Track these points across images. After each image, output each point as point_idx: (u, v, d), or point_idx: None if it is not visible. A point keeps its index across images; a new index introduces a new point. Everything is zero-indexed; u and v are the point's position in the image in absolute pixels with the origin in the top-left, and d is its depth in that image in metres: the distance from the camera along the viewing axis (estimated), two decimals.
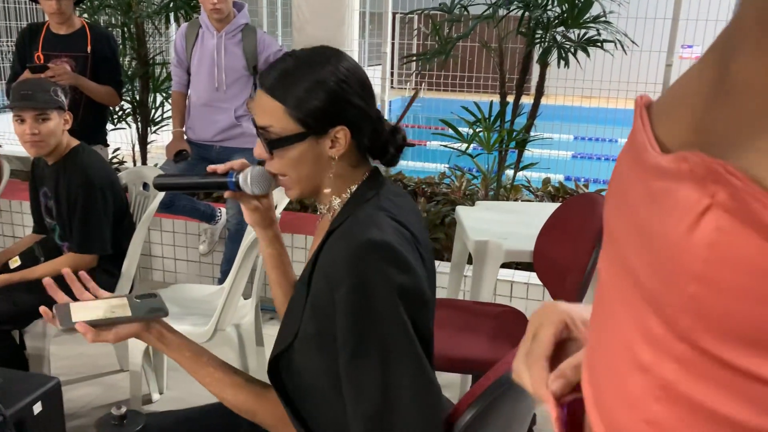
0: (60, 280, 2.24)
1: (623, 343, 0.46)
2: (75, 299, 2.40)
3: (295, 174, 1.12)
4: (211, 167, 1.22)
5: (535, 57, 3.72)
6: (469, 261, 2.96)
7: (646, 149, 0.44)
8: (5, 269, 2.35)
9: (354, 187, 1.14)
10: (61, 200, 2.25)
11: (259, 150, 1.13)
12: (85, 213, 2.22)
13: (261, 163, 1.20)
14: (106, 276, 2.35)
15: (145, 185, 2.60)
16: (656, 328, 0.41)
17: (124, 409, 0.82)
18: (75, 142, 2.31)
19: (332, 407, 1.07)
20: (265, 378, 1.19)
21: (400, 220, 1.07)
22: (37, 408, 1.62)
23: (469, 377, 2.35)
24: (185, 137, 3.22)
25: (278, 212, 2.28)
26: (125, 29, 4.17)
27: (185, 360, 1.17)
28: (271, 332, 2.75)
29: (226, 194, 1.23)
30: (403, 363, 0.98)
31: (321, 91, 1.06)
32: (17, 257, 2.38)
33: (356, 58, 5.29)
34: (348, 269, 0.99)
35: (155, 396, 2.58)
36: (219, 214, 3.50)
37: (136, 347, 2.26)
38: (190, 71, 3.18)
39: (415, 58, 4.06)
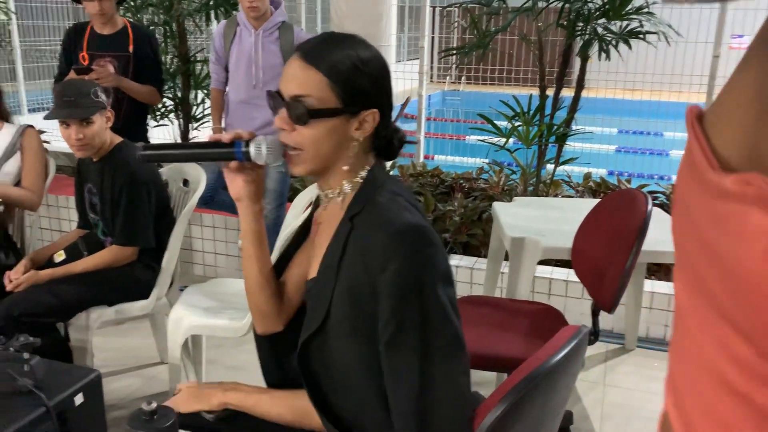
0: (99, 275, 2.30)
1: (706, 363, 0.45)
2: (117, 289, 2.47)
3: (314, 149, 1.09)
4: (214, 136, 1.15)
5: (576, 50, 3.65)
6: (506, 257, 2.93)
7: (706, 167, 0.43)
8: (50, 263, 2.42)
9: (364, 173, 1.14)
10: (105, 196, 2.31)
11: (282, 120, 1.10)
12: (129, 207, 2.28)
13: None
14: (148, 271, 2.41)
15: (186, 181, 2.65)
16: (743, 350, 0.41)
17: (154, 405, 0.84)
18: (118, 139, 2.37)
19: (362, 387, 1.11)
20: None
21: (415, 205, 1.12)
22: (79, 399, 1.67)
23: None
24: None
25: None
26: (167, 27, 4.24)
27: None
28: None
29: (232, 165, 1.15)
30: (443, 344, 1.04)
31: (365, 72, 1.08)
32: (62, 252, 2.45)
33: (394, 53, 5.28)
34: (391, 253, 1.02)
35: None
36: None
37: (175, 340, 2.30)
38: (229, 69, 3.23)
39: (453, 51, 4.02)
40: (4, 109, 2.82)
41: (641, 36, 3.46)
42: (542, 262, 2.67)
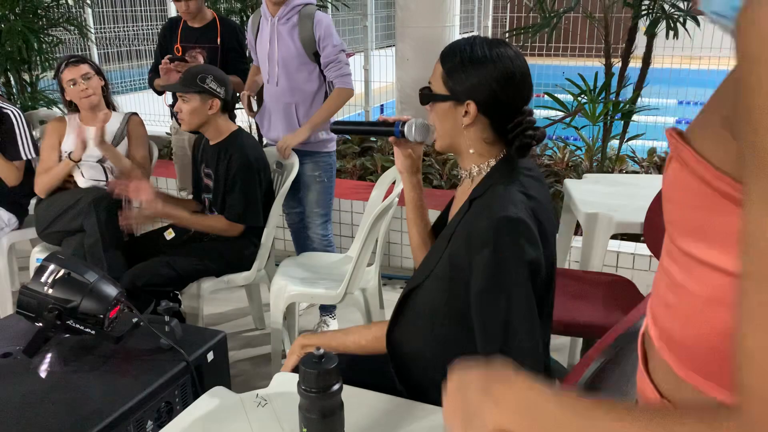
0: (210, 250, 2.53)
1: (662, 268, 0.72)
2: (225, 261, 2.72)
3: (440, 128, 1.37)
4: (382, 117, 1.48)
5: (641, 27, 3.69)
6: (576, 232, 3.07)
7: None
8: (162, 240, 2.70)
9: (493, 162, 1.35)
10: (220, 177, 2.55)
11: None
12: (243, 189, 2.51)
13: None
14: (252, 247, 2.66)
15: (279, 164, 2.87)
16: (667, 241, 0.68)
17: (322, 350, 1.05)
18: (234, 126, 2.62)
19: (437, 335, 1.35)
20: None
21: (528, 193, 1.28)
22: (210, 356, 1.92)
23: (580, 341, 2.50)
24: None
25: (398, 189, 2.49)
26: (243, 15, 4.47)
27: None
28: (389, 297, 2.98)
29: (390, 139, 1.47)
30: (523, 317, 1.21)
31: (469, 70, 1.30)
32: (171, 229, 2.72)
33: (457, 31, 5.37)
34: (487, 240, 1.21)
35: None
36: None
37: (278, 306, 2.55)
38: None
39: (521, 31, 4.12)
40: (110, 99, 3.11)
41: None
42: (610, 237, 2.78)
